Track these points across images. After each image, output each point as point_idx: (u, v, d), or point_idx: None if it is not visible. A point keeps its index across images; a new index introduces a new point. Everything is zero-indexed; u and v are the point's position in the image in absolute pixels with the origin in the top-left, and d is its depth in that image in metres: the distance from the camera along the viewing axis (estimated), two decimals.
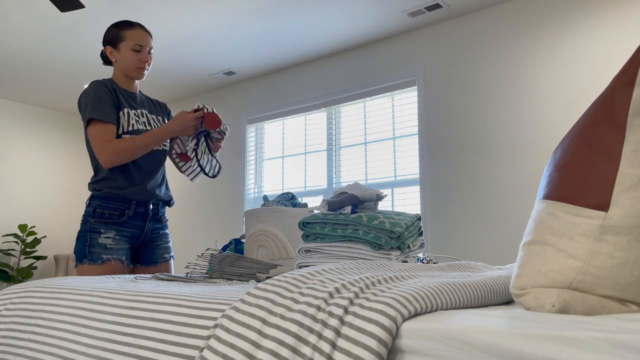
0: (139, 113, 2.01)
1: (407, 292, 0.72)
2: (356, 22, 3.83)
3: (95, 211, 1.91)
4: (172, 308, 0.91)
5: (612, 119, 0.71)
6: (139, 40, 1.96)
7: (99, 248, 1.88)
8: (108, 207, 1.92)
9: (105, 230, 1.90)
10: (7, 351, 1.16)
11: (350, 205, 1.43)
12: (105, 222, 1.91)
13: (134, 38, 1.95)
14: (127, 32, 1.95)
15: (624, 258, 0.68)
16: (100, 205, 1.91)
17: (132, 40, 1.95)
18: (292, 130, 4.68)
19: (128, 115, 1.96)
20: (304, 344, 0.67)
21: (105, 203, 1.92)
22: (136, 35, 1.96)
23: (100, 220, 1.91)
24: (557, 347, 0.54)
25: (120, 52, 1.96)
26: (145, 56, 1.97)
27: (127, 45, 1.95)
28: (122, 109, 1.96)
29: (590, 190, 0.70)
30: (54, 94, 5.40)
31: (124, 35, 1.95)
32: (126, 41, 1.95)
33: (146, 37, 1.98)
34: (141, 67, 1.98)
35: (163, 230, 2.11)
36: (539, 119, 3.33)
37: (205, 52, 4.37)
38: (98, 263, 1.86)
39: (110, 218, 1.92)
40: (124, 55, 1.96)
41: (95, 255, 1.87)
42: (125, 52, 1.96)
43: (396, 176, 3.98)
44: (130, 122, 1.95)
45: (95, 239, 1.89)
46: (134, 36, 1.95)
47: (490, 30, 3.61)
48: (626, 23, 3.09)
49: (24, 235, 5.43)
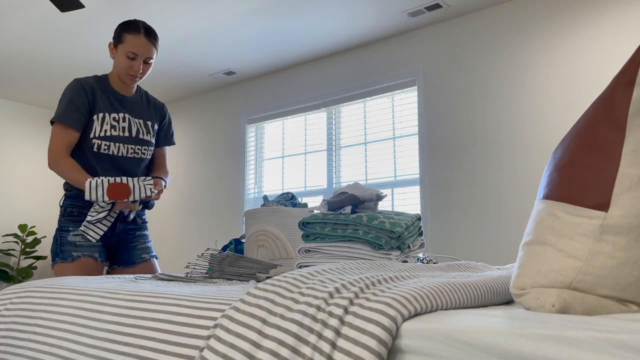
0: (119, 117, 1.97)
1: (407, 292, 0.72)
2: (356, 22, 3.83)
3: (66, 210, 1.93)
4: (172, 308, 0.91)
5: (612, 119, 0.71)
6: (135, 48, 1.90)
7: (69, 246, 1.89)
8: (78, 205, 1.94)
9: (74, 228, 1.92)
10: (7, 351, 1.16)
11: (350, 205, 1.43)
12: (74, 220, 1.93)
13: (131, 45, 1.90)
14: (128, 37, 1.90)
15: (624, 258, 0.68)
16: (70, 204, 1.94)
17: (129, 47, 1.90)
18: (292, 130, 4.68)
19: (103, 120, 1.93)
20: (304, 344, 0.67)
21: (76, 202, 1.94)
22: (135, 42, 1.90)
23: (70, 219, 1.93)
24: (557, 347, 0.54)
25: (117, 54, 1.94)
26: (137, 66, 1.92)
27: (124, 50, 1.91)
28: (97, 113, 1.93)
29: (590, 190, 0.70)
30: (54, 94, 5.40)
31: (124, 37, 1.91)
32: (124, 45, 1.91)
33: (146, 47, 1.92)
34: (131, 75, 1.94)
35: (140, 231, 2.10)
36: (539, 119, 3.33)
37: (205, 52, 4.37)
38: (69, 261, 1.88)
39: (80, 216, 1.93)
40: (118, 58, 1.93)
41: (66, 253, 1.88)
42: (121, 55, 1.92)
43: (396, 176, 3.98)
44: (104, 127, 1.93)
45: (65, 237, 1.91)
46: (132, 42, 1.90)
47: (490, 30, 3.61)
48: (626, 23, 3.09)
49: (24, 235, 5.43)
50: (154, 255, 2.13)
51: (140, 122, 2.04)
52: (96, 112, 1.93)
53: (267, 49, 4.30)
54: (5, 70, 4.74)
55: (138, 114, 2.05)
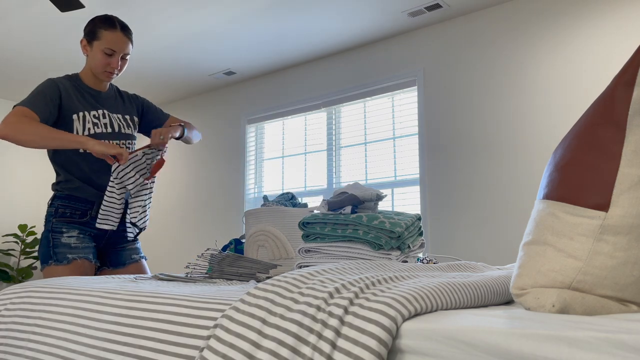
0: (99, 114, 1.93)
1: (407, 292, 0.72)
2: (356, 22, 3.83)
3: (57, 211, 1.87)
4: (172, 308, 0.91)
5: (612, 119, 0.71)
6: (113, 44, 1.86)
7: (64, 248, 1.83)
8: (70, 206, 1.88)
9: (67, 230, 1.86)
10: (7, 351, 1.16)
11: (350, 205, 1.43)
12: (67, 221, 1.87)
13: (108, 41, 1.86)
14: (104, 33, 1.86)
15: (624, 258, 0.68)
16: (62, 205, 1.88)
17: (106, 43, 1.86)
18: (292, 130, 4.68)
19: (84, 118, 1.89)
20: (303, 344, 0.67)
21: (67, 203, 1.88)
22: (112, 38, 1.86)
23: (62, 220, 1.87)
24: (557, 347, 0.54)
25: (92, 50, 1.88)
26: (115, 62, 1.89)
27: (100, 46, 1.86)
28: (77, 112, 1.88)
29: (590, 190, 0.70)
30: None
31: (100, 34, 1.86)
32: (100, 41, 1.86)
33: (123, 42, 1.89)
34: (109, 72, 1.91)
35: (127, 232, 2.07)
36: (539, 119, 3.33)
37: (205, 52, 4.37)
38: (64, 263, 1.81)
39: (72, 217, 1.88)
40: (94, 55, 1.88)
41: (61, 256, 1.82)
42: (97, 52, 1.87)
43: (396, 176, 3.98)
44: (87, 126, 1.89)
45: (58, 239, 1.84)
46: (109, 39, 1.86)
47: (490, 30, 3.61)
48: (626, 23, 3.09)
49: (24, 235, 5.43)
50: (143, 256, 2.10)
51: (119, 117, 2.01)
52: (76, 112, 1.88)
53: (267, 49, 4.30)
54: (5, 70, 4.74)
55: (115, 109, 2.01)
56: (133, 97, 2.13)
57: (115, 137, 1.97)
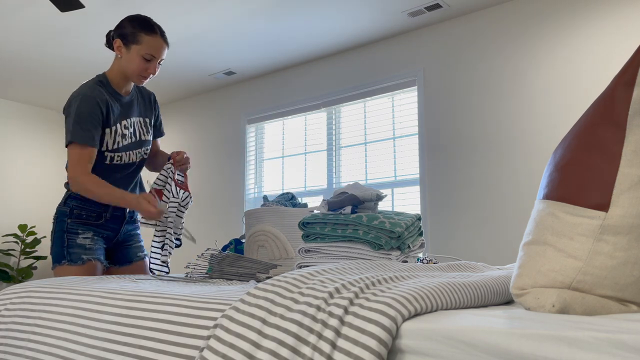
0: (128, 124, 1.93)
1: (407, 292, 0.72)
2: (356, 22, 3.83)
3: (73, 212, 1.87)
4: (172, 308, 0.91)
5: (612, 119, 0.71)
6: (153, 50, 1.82)
7: (78, 248, 1.84)
8: (85, 208, 1.88)
9: (83, 231, 1.87)
10: (7, 351, 1.16)
11: (350, 205, 1.43)
12: (83, 222, 1.88)
13: (149, 47, 1.81)
14: (145, 38, 1.81)
15: (624, 258, 0.68)
16: (77, 206, 1.87)
17: (146, 48, 1.81)
18: (292, 130, 4.68)
19: (115, 132, 1.88)
20: (304, 344, 0.67)
21: (83, 204, 1.88)
22: (153, 44, 1.82)
23: (78, 221, 1.87)
24: (557, 347, 0.54)
25: (130, 53, 1.83)
26: (153, 67, 1.85)
27: (140, 51, 1.81)
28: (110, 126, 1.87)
29: (590, 190, 0.70)
30: (54, 94, 5.40)
31: (140, 38, 1.81)
32: (140, 46, 1.81)
33: (162, 48, 1.85)
34: (144, 76, 1.87)
35: (134, 231, 2.09)
36: (539, 119, 3.33)
37: (205, 52, 4.37)
38: (78, 263, 1.83)
39: (88, 219, 1.89)
40: (132, 59, 1.83)
41: (75, 256, 1.83)
42: (135, 56, 1.82)
43: (396, 176, 3.98)
44: (116, 139, 1.89)
45: (73, 240, 1.85)
46: (150, 44, 1.81)
47: (490, 30, 3.61)
48: (626, 23, 3.09)
49: (24, 235, 5.43)
50: (146, 254, 2.12)
51: (140, 121, 2.00)
52: (109, 126, 1.86)
53: (267, 49, 4.30)
54: (5, 70, 4.74)
55: (136, 112, 2.00)
56: (153, 100, 2.10)
57: (137, 146, 1.98)
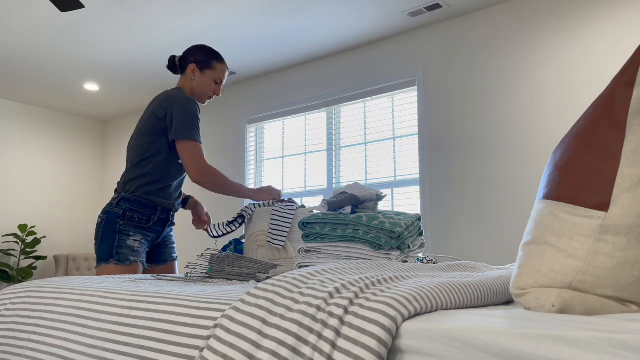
0: None
1: (407, 292, 0.72)
2: (356, 22, 3.83)
3: (125, 214, 1.96)
4: (172, 308, 0.91)
5: (612, 119, 0.71)
6: (222, 75, 2.16)
7: (127, 250, 1.94)
8: (138, 211, 1.98)
9: (134, 234, 1.97)
10: (7, 351, 1.16)
11: (350, 206, 1.43)
12: (135, 225, 1.98)
13: (221, 73, 2.15)
14: (218, 65, 2.14)
15: (624, 258, 0.68)
16: (130, 208, 1.97)
17: (219, 74, 2.15)
18: (292, 130, 4.68)
19: None
20: (304, 344, 0.67)
21: (135, 207, 1.98)
22: (222, 70, 2.16)
23: (130, 223, 1.97)
24: (557, 347, 0.54)
25: (203, 77, 2.12)
26: (219, 90, 2.18)
27: (213, 76, 2.13)
28: None
29: (590, 190, 0.70)
30: (54, 94, 5.40)
31: (214, 65, 2.13)
32: (214, 71, 2.13)
33: (226, 74, 2.20)
34: (211, 97, 2.17)
35: (171, 232, 2.22)
36: (538, 119, 3.33)
37: None
38: (126, 264, 1.93)
39: (140, 222, 1.99)
40: (205, 82, 2.12)
41: (124, 257, 1.92)
42: (208, 80, 2.13)
43: (396, 176, 3.98)
44: None
45: (124, 241, 1.95)
46: (221, 71, 2.16)
47: (490, 30, 3.61)
48: (626, 23, 3.09)
49: (24, 235, 5.43)
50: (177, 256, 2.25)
51: None
52: None
53: (267, 49, 4.30)
54: (5, 70, 4.74)
55: None
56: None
57: None
